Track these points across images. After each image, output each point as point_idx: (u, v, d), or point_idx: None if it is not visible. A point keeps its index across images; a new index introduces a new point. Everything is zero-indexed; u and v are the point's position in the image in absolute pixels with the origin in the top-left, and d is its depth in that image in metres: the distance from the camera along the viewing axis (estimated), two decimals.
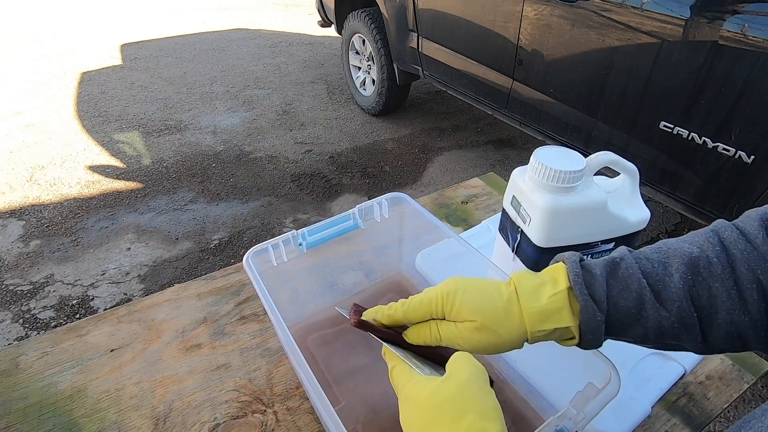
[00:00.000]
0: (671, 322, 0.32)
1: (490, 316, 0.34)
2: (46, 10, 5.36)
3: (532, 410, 0.51)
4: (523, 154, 2.68)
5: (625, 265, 0.34)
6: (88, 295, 1.72)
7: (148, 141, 2.71)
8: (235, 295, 0.69)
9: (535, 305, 0.34)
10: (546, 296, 0.34)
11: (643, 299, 0.32)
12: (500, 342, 0.34)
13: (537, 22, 1.67)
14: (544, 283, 0.35)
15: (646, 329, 0.33)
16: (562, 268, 0.35)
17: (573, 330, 0.34)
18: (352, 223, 0.57)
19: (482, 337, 0.34)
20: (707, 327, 0.31)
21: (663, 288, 0.32)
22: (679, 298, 0.31)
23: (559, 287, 0.34)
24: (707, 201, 1.37)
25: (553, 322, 0.33)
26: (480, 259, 0.51)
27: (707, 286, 0.31)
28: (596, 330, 0.33)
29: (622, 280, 0.33)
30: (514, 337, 0.34)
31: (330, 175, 2.44)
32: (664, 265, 0.33)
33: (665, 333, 0.32)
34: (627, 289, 0.33)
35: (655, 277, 0.33)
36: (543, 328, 0.33)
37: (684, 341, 0.32)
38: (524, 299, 0.34)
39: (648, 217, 0.54)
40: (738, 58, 1.16)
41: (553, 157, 0.50)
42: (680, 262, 0.32)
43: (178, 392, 0.56)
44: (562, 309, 0.33)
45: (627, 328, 0.33)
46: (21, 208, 2.16)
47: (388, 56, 2.64)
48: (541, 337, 0.34)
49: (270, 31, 4.66)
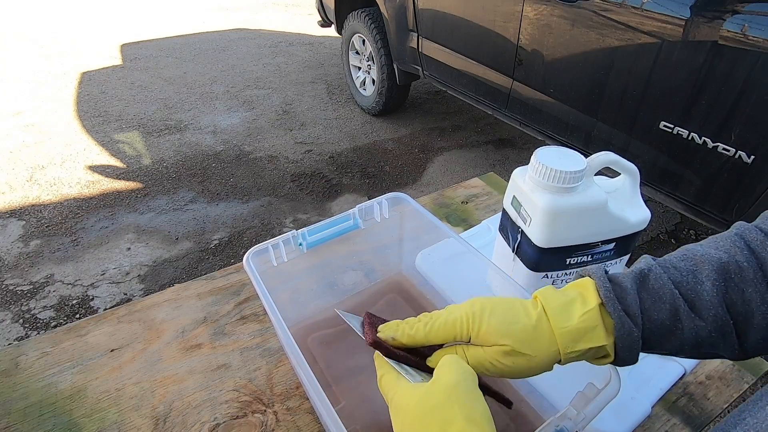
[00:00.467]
0: (708, 331, 0.31)
1: (520, 339, 0.32)
2: (46, 10, 5.36)
3: (532, 410, 0.51)
4: (523, 154, 2.68)
5: (654, 276, 0.33)
6: (88, 295, 1.72)
7: (148, 141, 2.71)
8: (235, 295, 0.69)
9: (566, 325, 0.32)
10: (577, 315, 0.32)
11: (678, 310, 0.31)
12: (531, 366, 0.32)
13: (537, 22, 1.67)
14: (573, 300, 0.33)
15: (683, 341, 0.32)
16: (590, 283, 0.34)
17: (608, 348, 0.32)
18: (352, 223, 0.57)
19: (512, 362, 0.32)
20: (743, 333, 0.31)
21: (696, 297, 0.31)
22: (714, 307, 0.31)
23: (590, 304, 0.32)
24: (707, 201, 1.38)
25: (588, 341, 0.32)
26: (480, 259, 0.51)
27: (740, 291, 0.30)
28: (632, 346, 0.32)
29: (653, 292, 0.32)
30: (546, 359, 0.32)
31: (330, 175, 2.44)
32: (694, 273, 0.32)
33: (702, 343, 0.31)
34: (660, 301, 0.32)
35: (687, 286, 0.32)
36: (577, 349, 0.32)
37: (720, 349, 0.32)
38: (554, 319, 0.32)
39: (648, 217, 0.54)
40: (738, 58, 1.16)
41: (553, 157, 0.50)
42: (710, 269, 0.31)
43: (178, 392, 0.56)
44: (596, 327, 0.32)
45: (663, 341, 0.32)
46: (21, 208, 2.16)
47: (388, 56, 2.64)
48: (574, 358, 0.33)
49: (270, 31, 4.66)
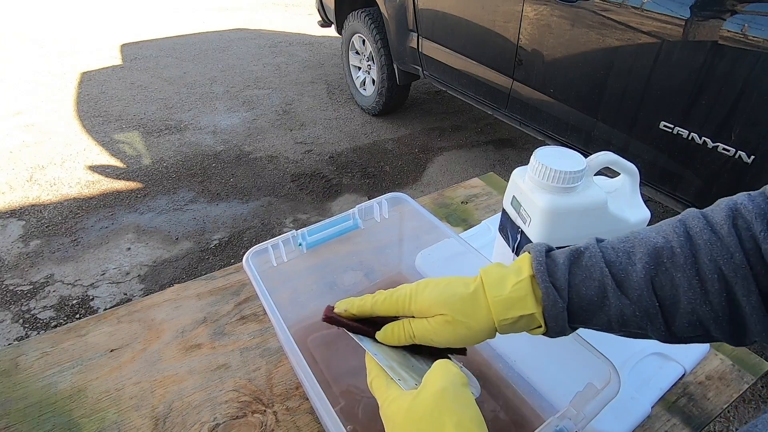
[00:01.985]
0: (633, 310, 0.32)
1: (457, 307, 0.35)
2: (46, 10, 5.36)
3: (532, 410, 0.51)
4: (523, 154, 2.68)
5: (589, 254, 0.34)
6: (88, 295, 1.72)
7: (148, 141, 2.71)
8: (235, 295, 0.69)
9: (499, 294, 0.34)
10: (510, 285, 0.34)
11: (605, 287, 0.33)
12: (470, 333, 0.35)
13: (537, 22, 1.67)
14: (510, 273, 0.36)
15: (609, 317, 0.33)
16: (527, 258, 0.36)
17: (538, 317, 0.34)
18: (352, 223, 0.57)
19: (453, 330, 0.35)
20: (670, 317, 0.32)
21: (625, 277, 0.33)
22: (640, 288, 0.32)
23: (522, 275, 0.35)
24: (707, 201, 1.37)
25: (518, 309, 0.34)
26: (480, 259, 0.51)
27: (669, 276, 0.31)
28: (558, 317, 0.33)
29: (585, 269, 0.34)
30: (484, 327, 0.35)
31: (330, 175, 2.44)
32: (629, 254, 0.33)
33: (628, 321, 0.33)
34: (589, 278, 0.33)
35: (619, 266, 0.33)
36: (508, 316, 0.34)
37: (648, 330, 0.33)
38: (489, 289, 0.35)
39: (648, 217, 0.54)
40: (738, 58, 1.16)
41: (553, 157, 0.50)
42: (644, 252, 0.32)
43: (178, 392, 0.56)
44: (526, 296, 0.34)
45: (591, 316, 0.34)
46: (21, 208, 2.16)
47: (388, 56, 2.64)
48: (508, 326, 0.34)
49: (270, 31, 4.66)
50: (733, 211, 0.31)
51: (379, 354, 0.36)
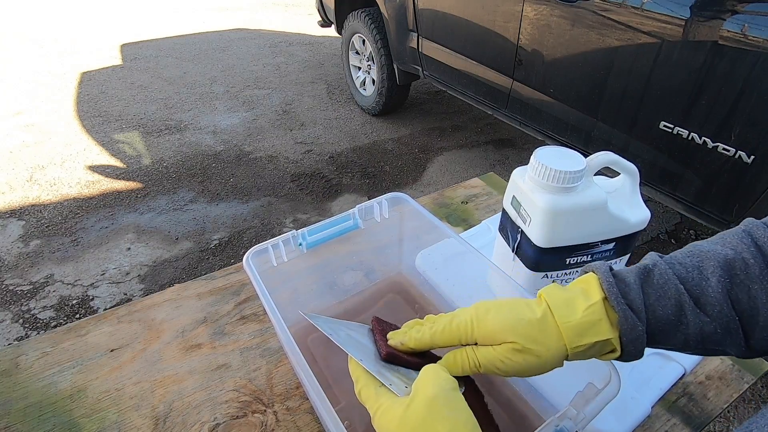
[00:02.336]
0: (713, 327, 0.31)
1: (526, 334, 0.32)
2: (46, 10, 5.36)
3: (532, 410, 0.51)
4: (523, 154, 2.68)
5: (659, 272, 0.33)
6: (88, 295, 1.72)
7: (148, 141, 2.71)
8: (235, 295, 0.69)
9: (571, 319, 0.32)
10: (581, 309, 0.32)
11: (682, 305, 0.31)
12: (540, 362, 0.32)
13: (537, 22, 1.67)
14: (576, 295, 0.33)
15: (687, 336, 0.32)
16: (593, 279, 0.34)
17: (614, 342, 0.32)
18: (352, 223, 0.57)
19: (522, 359, 0.32)
20: (749, 330, 0.31)
21: (701, 293, 0.31)
22: (719, 302, 0.31)
23: (593, 299, 0.33)
24: (707, 201, 1.37)
25: (593, 335, 0.32)
26: (480, 259, 0.51)
27: (746, 288, 0.30)
28: (637, 340, 0.32)
29: (658, 287, 0.32)
30: (555, 354, 0.32)
31: (330, 175, 2.44)
32: (699, 269, 0.32)
33: (707, 339, 0.31)
34: (665, 296, 0.32)
35: (692, 282, 0.32)
36: (583, 343, 0.32)
37: (726, 346, 0.32)
38: (558, 313, 0.33)
39: (648, 217, 0.54)
40: (738, 58, 1.16)
41: (553, 157, 0.50)
42: (716, 265, 0.31)
43: (178, 392, 0.56)
44: (601, 321, 0.32)
45: (667, 336, 0.32)
46: (21, 208, 2.16)
47: (388, 56, 2.64)
48: (581, 353, 0.32)
49: (270, 31, 4.66)
50: None
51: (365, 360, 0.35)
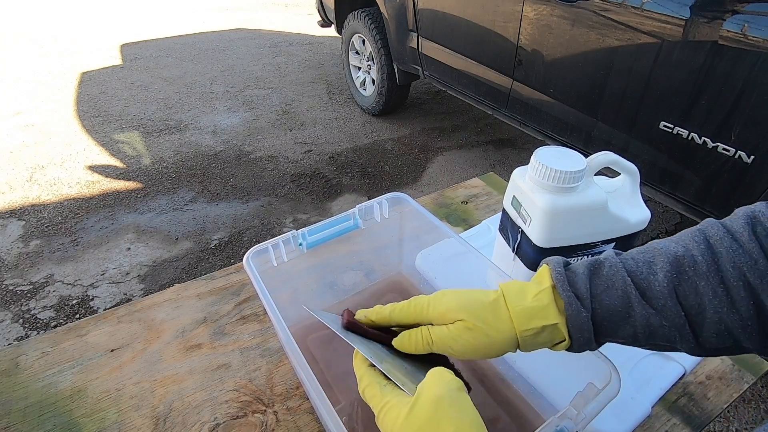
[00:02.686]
0: (659, 320, 0.32)
1: (477, 313, 0.34)
2: (46, 10, 5.36)
3: (532, 410, 0.51)
4: (523, 154, 2.68)
5: (609, 264, 0.34)
6: (88, 295, 1.72)
7: (148, 141, 2.71)
8: (235, 295, 0.69)
9: (520, 303, 0.34)
10: (531, 295, 0.34)
11: (629, 297, 0.32)
12: (490, 342, 0.34)
13: (537, 22, 1.67)
14: (530, 285, 0.36)
15: (636, 329, 0.33)
16: (546, 269, 0.36)
17: (561, 328, 0.33)
18: (352, 223, 0.57)
19: (472, 336, 0.34)
20: (697, 326, 0.31)
21: (648, 287, 0.32)
22: (664, 297, 0.31)
23: (543, 285, 0.35)
24: (707, 201, 1.37)
25: (540, 319, 0.33)
26: (480, 259, 0.51)
27: (693, 284, 0.31)
28: (583, 327, 0.33)
29: (606, 278, 0.34)
30: (505, 337, 0.34)
31: (330, 175, 2.44)
32: (649, 264, 0.33)
33: (655, 333, 0.32)
34: (612, 288, 0.33)
35: (640, 275, 0.33)
36: (531, 326, 0.33)
37: (676, 342, 0.32)
38: (510, 299, 0.35)
39: (648, 217, 0.54)
40: (738, 58, 1.16)
41: (553, 157, 0.50)
42: (665, 261, 0.32)
43: (178, 392, 0.56)
44: (548, 306, 0.33)
45: (616, 328, 0.33)
46: (21, 208, 2.16)
47: (388, 56, 2.64)
48: (530, 338, 0.34)
49: (270, 31, 4.66)
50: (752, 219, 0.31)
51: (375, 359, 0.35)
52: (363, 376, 0.35)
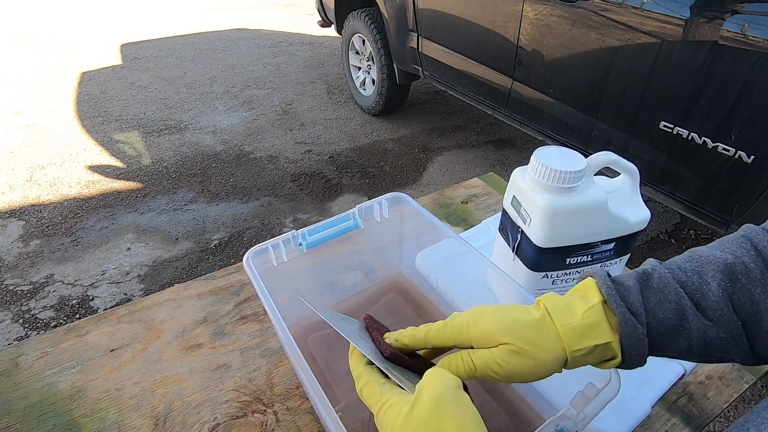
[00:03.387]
0: (716, 332, 0.30)
1: (523, 336, 0.31)
2: (46, 10, 5.36)
3: (532, 410, 0.51)
4: (523, 154, 2.68)
5: (658, 276, 0.32)
6: (88, 295, 1.72)
7: (148, 141, 2.71)
8: (235, 295, 0.69)
9: (570, 321, 0.32)
10: (580, 311, 0.32)
11: (684, 309, 0.31)
12: (538, 366, 0.31)
13: (537, 22, 1.67)
14: (575, 299, 0.33)
15: (690, 341, 0.31)
16: (592, 283, 0.34)
17: (614, 346, 0.31)
18: (352, 223, 0.57)
19: (519, 361, 0.31)
20: (753, 335, 0.30)
21: (702, 297, 0.31)
22: (720, 307, 0.30)
23: (592, 301, 0.32)
24: (707, 201, 1.37)
25: (593, 338, 0.31)
26: (480, 259, 0.51)
27: (748, 292, 0.30)
28: (639, 343, 0.31)
29: (658, 290, 0.32)
30: (553, 358, 0.31)
31: (330, 175, 2.44)
32: (699, 273, 0.32)
33: (711, 344, 0.31)
34: (665, 300, 0.31)
35: (692, 286, 0.31)
36: (582, 346, 0.31)
37: (731, 352, 0.31)
38: (557, 316, 0.32)
39: (648, 217, 0.54)
40: (738, 58, 1.16)
41: (553, 157, 0.50)
42: (716, 270, 0.31)
43: (178, 392, 0.56)
44: (600, 323, 0.31)
45: (670, 342, 0.32)
46: (21, 208, 2.16)
47: (388, 56, 2.64)
48: (580, 358, 0.32)
49: (270, 31, 4.66)
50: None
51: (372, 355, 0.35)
52: (360, 375, 0.34)
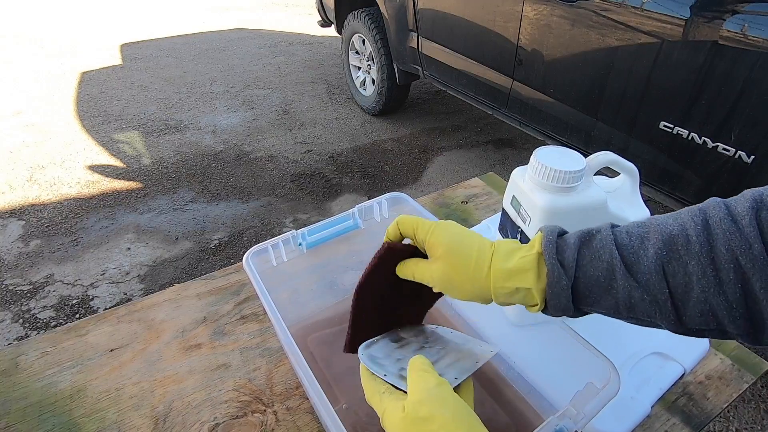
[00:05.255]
0: (641, 294, 0.32)
1: (462, 260, 0.36)
2: (46, 10, 5.36)
3: (531, 410, 0.51)
4: (523, 154, 2.68)
5: (600, 237, 0.34)
6: (88, 295, 1.72)
7: (148, 141, 2.71)
8: (235, 295, 0.69)
9: (503, 264, 0.36)
10: (517, 257, 0.36)
11: (614, 269, 0.33)
12: (465, 288, 0.37)
13: (537, 22, 1.67)
14: (520, 247, 0.37)
15: (617, 300, 0.33)
16: (539, 236, 0.37)
17: (535, 293, 0.34)
18: (352, 223, 0.57)
19: (449, 275, 0.37)
20: (681, 305, 0.31)
21: (635, 260, 0.32)
22: (650, 272, 0.32)
23: (532, 250, 0.35)
24: None
25: (517, 281, 0.35)
26: None
27: (683, 263, 0.31)
28: (561, 294, 0.34)
29: (594, 250, 0.34)
30: (479, 287, 0.36)
31: (330, 175, 2.44)
32: (642, 239, 0.33)
33: (635, 306, 0.33)
34: (598, 259, 0.33)
35: (630, 249, 0.33)
36: (506, 286, 0.35)
37: (656, 318, 0.33)
38: (497, 257, 0.36)
39: (648, 217, 0.54)
40: (738, 58, 1.16)
41: (553, 157, 0.50)
42: (658, 238, 0.32)
43: (178, 392, 0.56)
44: (528, 270, 0.35)
45: (598, 298, 0.34)
46: (21, 208, 2.16)
47: (388, 56, 2.64)
48: (503, 296, 0.36)
49: (270, 31, 4.66)
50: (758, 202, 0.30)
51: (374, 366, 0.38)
52: (366, 387, 0.38)
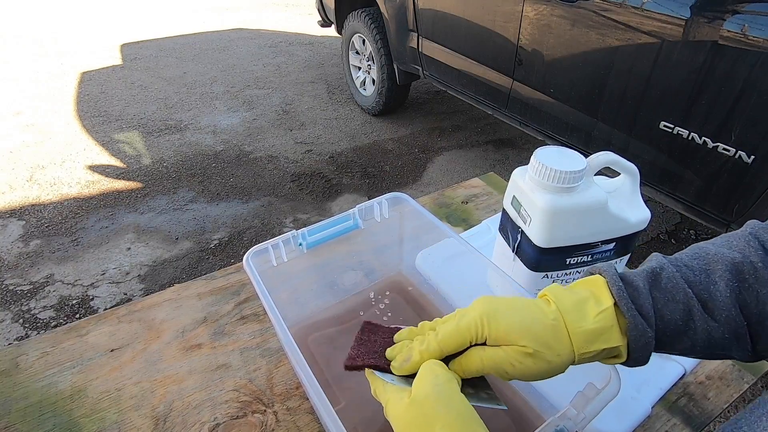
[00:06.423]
0: (721, 332, 0.30)
1: (541, 340, 0.31)
2: (46, 10, 5.36)
3: (532, 410, 0.51)
4: (523, 154, 2.68)
5: (667, 275, 0.32)
6: (88, 295, 1.72)
7: (148, 141, 2.71)
8: (235, 295, 0.69)
9: (582, 325, 0.31)
10: (592, 315, 0.31)
11: (691, 311, 0.31)
12: (548, 368, 0.32)
13: (537, 22, 1.67)
14: (585, 299, 0.33)
15: (695, 342, 0.31)
16: (602, 282, 0.33)
17: (621, 349, 0.32)
18: (352, 223, 0.57)
19: (533, 363, 0.31)
20: (756, 334, 0.30)
21: (710, 297, 0.30)
22: (728, 308, 0.30)
23: (604, 304, 0.32)
24: (707, 201, 1.37)
25: (603, 342, 0.31)
26: (480, 259, 0.51)
27: (754, 292, 0.30)
28: (645, 347, 0.31)
29: (666, 291, 0.31)
30: (564, 360, 0.31)
31: (330, 175, 2.44)
32: (707, 272, 0.31)
33: (714, 344, 0.31)
34: (673, 300, 0.31)
35: (700, 286, 0.31)
36: (591, 350, 0.31)
37: (733, 351, 0.31)
38: (570, 319, 0.32)
39: (648, 217, 0.54)
40: (738, 58, 1.16)
41: (553, 157, 0.50)
42: (723, 269, 0.31)
43: (178, 392, 0.56)
44: (611, 328, 0.31)
45: (674, 342, 0.32)
46: (21, 208, 2.16)
47: (388, 56, 2.64)
48: (587, 359, 0.32)
49: (270, 31, 4.66)
50: None
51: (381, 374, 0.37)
52: (371, 381, 0.37)
